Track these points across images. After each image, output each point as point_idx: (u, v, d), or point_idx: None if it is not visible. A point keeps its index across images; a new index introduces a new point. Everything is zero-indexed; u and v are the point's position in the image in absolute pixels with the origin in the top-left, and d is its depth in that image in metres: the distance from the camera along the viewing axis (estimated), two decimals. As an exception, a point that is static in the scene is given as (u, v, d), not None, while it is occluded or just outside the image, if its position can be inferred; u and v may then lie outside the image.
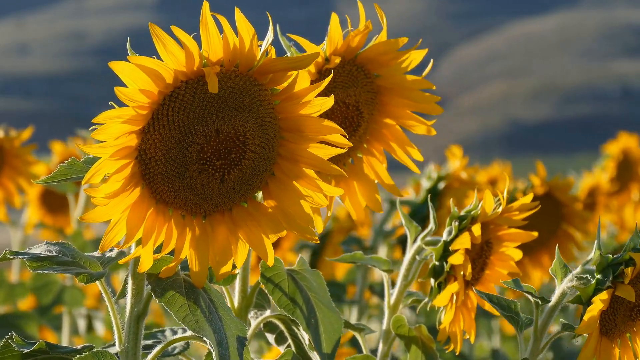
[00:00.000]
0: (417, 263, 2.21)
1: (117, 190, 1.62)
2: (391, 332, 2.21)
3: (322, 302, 1.99)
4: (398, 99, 2.05)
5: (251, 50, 1.63)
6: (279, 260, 2.00)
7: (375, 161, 2.09)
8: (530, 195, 2.12)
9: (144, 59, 1.58)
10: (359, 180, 2.08)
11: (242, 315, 2.07)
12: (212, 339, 1.68)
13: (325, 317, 1.98)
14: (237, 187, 1.70)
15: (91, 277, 1.78)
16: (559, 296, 1.98)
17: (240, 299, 2.07)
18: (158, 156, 1.64)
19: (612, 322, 1.93)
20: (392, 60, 2.01)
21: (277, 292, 1.96)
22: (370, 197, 2.09)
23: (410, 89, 2.03)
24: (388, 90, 2.05)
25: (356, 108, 2.01)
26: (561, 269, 1.97)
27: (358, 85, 2.02)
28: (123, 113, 1.59)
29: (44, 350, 1.82)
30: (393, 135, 2.08)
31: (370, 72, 2.03)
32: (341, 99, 2.00)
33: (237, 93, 1.66)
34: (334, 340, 1.97)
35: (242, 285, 2.07)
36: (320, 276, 2.03)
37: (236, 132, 1.65)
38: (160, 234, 1.67)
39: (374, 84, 2.04)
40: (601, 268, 1.94)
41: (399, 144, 2.08)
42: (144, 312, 1.79)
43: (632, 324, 1.96)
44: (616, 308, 1.93)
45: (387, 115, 2.07)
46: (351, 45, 1.97)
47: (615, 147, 5.74)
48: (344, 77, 2.00)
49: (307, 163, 1.72)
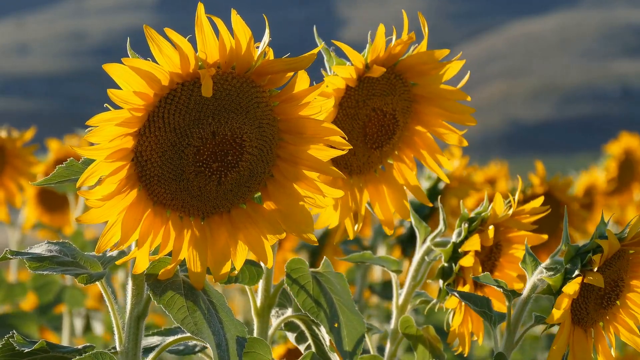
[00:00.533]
0: (426, 264, 2.21)
1: (112, 192, 1.61)
2: (399, 332, 2.21)
3: (345, 305, 2.00)
4: (434, 108, 2.05)
5: (248, 52, 1.63)
6: (303, 262, 2.01)
7: (405, 168, 2.10)
8: (541, 199, 2.13)
9: (138, 62, 1.57)
10: (389, 186, 2.09)
11: (264, 314, 2.08)
12: (211, 341, 1.67)
13: (349, 320, 1.99)
14: (235, 189, 1.69)
15: (91, 277, 1.77)
16: (530, 289, 1.97)
17: (263, 298, 2.08)
18: (154, 158, 1.63)
19: (584, 311, 1.93)
20: (432, 70, 2.01)
21: (302, 293, 1.97)
22: (399, 203, 2.10)
23: (447, 99, 2.04)
24: (424, 99, 2.05)
25: (393, 116, 2.02)
26: (531, 262, 1.97)
27: (396, 93, 2.02)
28: (117, 115, 1.58)
29: (44, 350, 1.82)
30: (424, 142, 2.09)
31: (407, 81, 2.03)
32: (379, 107, 2.00)
33: (234, 95, 1.65)
34: (356, 343, 1.97)
35: (266, 285, 2.08)
36: (344, 279, 2.04)
37: (233, 135, 1.64)
38: (157, 235, 1.67)
39: (411, 93, 2.04)
40: (569, 257, 1.94)
41: (429, 151, 2.09)
42: (144, 312, 1.79)
43: (604, 312, 1.96)
44: (587, 297, 1.92)
45: (420, 124, 2.07)
46: (392, 53, 1.97)
47: (617, 147, 5.75)
48: (383, 84, 2.00)
49: (307, 165, 1.72)
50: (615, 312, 1.98)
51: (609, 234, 1.89)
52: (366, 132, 2.00)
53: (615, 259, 1.92)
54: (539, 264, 1.97)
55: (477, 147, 50.09)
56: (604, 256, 1.89)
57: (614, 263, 1.92)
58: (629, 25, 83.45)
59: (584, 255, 1.93)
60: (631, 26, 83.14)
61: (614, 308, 1.97)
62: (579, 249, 1.94)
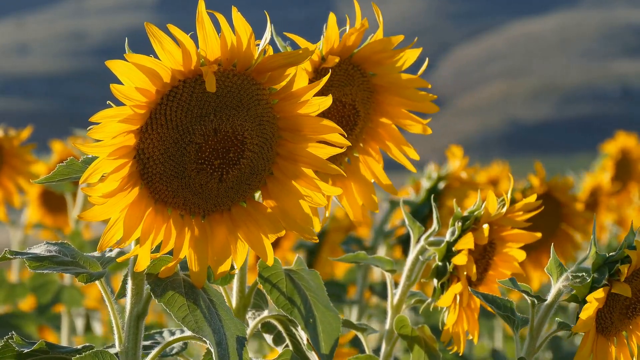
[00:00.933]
0: (420, 263, 2.21)
1: (115, 190, 1.61)
2: (394, 332, 2.21)
3: (320, 301, 1.99)
4: (394, 97, 2.05)
5: (249, 49, 1.63)
6: (277, 260, 1.99)
7: (371, 160, 2.09)
8: (534, 196, 2.12)
9: (141, 58, 1.58)
10: (356, 179, 2.08)
11: (240, 315, 2.07)
12: (212, 340, 1.68)
13: (324, 316, 1.97)
14: (236, 186, 1.69)
15: (91, 276, 1.78)
16: (555, 295, 1.97)
17: (238, 299, 2.07)
18: (156, 155, 1.63)
19: (608, 320, 1.93)
20: (388, 58, 2.01)
21: (275, 291, 1.96)
22: (367, 197, 2.08)
23: (406, 88, 2.03)
24: (384, 89, 2.05)
25: (353, 107, 2.01)
26: (557, 268, 1.97)
27: (354, 84, 2.02)
28: (120, 112, 1.58)
29: (44, 350, 1.82)
30: (389, 134, 2.08)
31: (366, 71, 2.03)
32: (338, 98, 2.00)
33: (235, 92, 1.65)
34: (332, 339, 1.96)
35: (240, 285, 2.07)
36: (318, 276, 2.03)
37: (234, 132, 1.65)
38: (158, 233, 1.67)
39: (370, 83, 2.04)
40: (597, 266, 1.94)
41: (395, 143, 2.08)
42: (144, 312, 1.79)
43: (628, 322, 1.96)
44: (612, 306, 1.93)
45: (383, 114, 2.07)
46: (347, 44, 1.97)
47: (614, 146, 5.75)
48: (340, 75, 2.00)
49: (306, 163, 1.72)
50: (639, 321, 1.97)
51: (638, 245, 1.89)
52: None
53: None
54: (564, 270, 1.96)
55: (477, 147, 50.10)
56: (632, 266, 1.89)
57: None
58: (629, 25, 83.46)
59: (612, 264, 1.92)
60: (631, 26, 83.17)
61: (638, 318, 1.97)
62: (607, 259, 1.94)
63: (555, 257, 1.97)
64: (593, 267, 1.93)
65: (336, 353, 2.31)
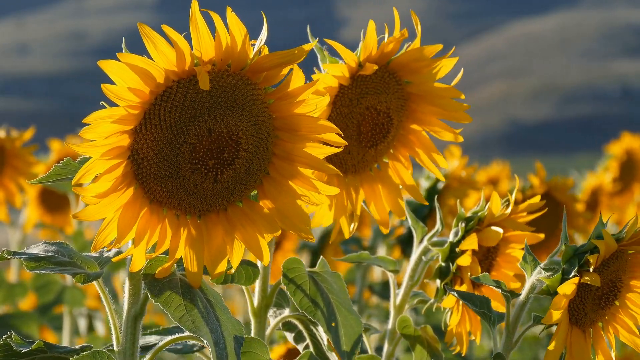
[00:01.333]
0: (423, 264, 2.21)
1: (108, 190, 1.61)
2: (396, 332, 2.21)
3: (342, 304, 2.00)
4: (428, 106, 2.05)
5: (243, 49, 1.63)
6: (300, 261, 2.00)
7: (400, 166, 2.09)
8: (537, 197, 2.12)
9: (134, 58, 1.57)
10: (385, 185, 2.09)
11: (261, 314, 2.08)
12: (209, 339, 1.67)
13: (346, 319, 1.98)
14: (231, 186, 1.69)
15: (88, 277, 1.77)
16: (529, 289, 1.97)
17: (260, 298, 2.08)
18: (150, 156, 1.63)
19: (581, 312, 1.93)
20: (425, 67, 2.01)
21: (298, 293, 1.97)
22: (394, 202, 2.09)
23: (441, 97, 2.03)
24: (418, 97, 2.05)
25: (387, 115, 2.01)
26: (530, 262, 1.97)
27: (389, 91, 2.02)
28: (113, 113, 1.58)
29: (42, 350, 1.82)
30: (420, 141, 2.08)
31: (401, 79, 2.03)
32: (373, 105, 2.00)
33: (230, 92, 1.65)
34: (353, 341, 1.97)
35: (263, 285, 2.08)
36: (341, 278, 2.04)
37: (229, 132, 1.65)
38: (153, 233, 1.67)
39: (405, 91, 2.04)
40: (567, 258, 1.94)
41: (425, 150, 2.09)
42: (142, 312, 1.79)
43: (602, 312, 1.96)
44: (584, 297, 1.92)
45: (415, 122, 2.07)
46: (385, 51, 1.97)
47: (619, 147, 5.74)
48: (376, 83, 2.00)
49: (302, 162, 1.72)
50: (615, 312, 1.97)
51: (605, 235, 1.88)
52: (360, 130, 2.00)
53: (613, 259, 1.92)
54: (538, 264, 1.97)
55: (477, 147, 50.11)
56: (600, 256, 1.89)
57: (612, 263, 1.92)
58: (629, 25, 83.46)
59: (582, 255, 1.93)
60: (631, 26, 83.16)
61: (613, 308, 1.97)
62: (577, 250, 1.94)
63: (529, 252, 1.97)
64: (563, 259, 1.94)
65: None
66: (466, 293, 2.01)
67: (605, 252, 1.90)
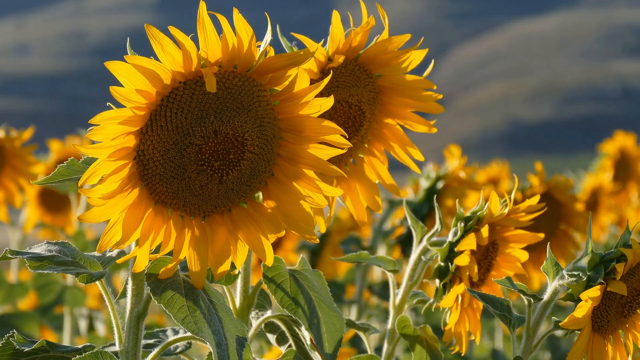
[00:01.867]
0: (422, 264, 2.21)
1: (114, 191, 1.62)
2: (396, 332, 2.21)
3: (324, 302, 1.99)
4: (400, 98, 2.05)
5: (250, 51, 1.63)
6: (280, 260, 2.00)
7: (376, 161, 2.09)
8: (537, 197, 2.13)
9: (141, 59, 1.58)
10: (360, 180, 2.09)
11: (243, 315, 2.07)
12: (212, 340, 1.68)
13: (328, 317, 1.98)
14: (236, 188, 1.70)
15: (91, 277, 1.78)
16: (551, 294, 1.98)
17: (241, 299, 2.07)
18: (156, 157, 1.64)
19: (604, 319, 1.93)
20: (394, 59, 2.01)
21: (279, 292, 1.96)
22: (371, 198, 2.09)
23: (412, 89, 2.03)
24: (389, 90, 2.05)
25: (358, 108, 2.01)
26: (553, 267, 1.97)
27: (360, 84, 2.02)
28: (120, 114, 1.58)
29: (44, 349, 1.82)
30: (394, 135, 2.08)
31: (372, 72, 2.03)
32: (344, 99, 2.00)
33: (236, 94, 1.65)
34: (336, 339, 1.97)
35: (244, 285, 2.07)
36: (322, 276, 2.04)
37: (235, 133, 1.65)
38: (158, 234, 1.67)
39: (376, 84, 2.04)
40: (593, 265, 1.94)
41: (400, 143, 2.08)
42: (144, 312, 1.79)
43: (624, 320, 1.96)
44: (608, 304, 1.93)
45: (389, 115, 2.07)
46: (353, 44, 1.97)
47: (612, 146, 5.74)
48: (347, 76, 2.00)
49: (307, 164, 1.72)
50: (636, 320, 1.97)
51: (633, 244, 1.89)
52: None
53: (638, 267, 1.92)
54: (560, 269, 1.96)
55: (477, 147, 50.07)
56: (627, 265, 1.89)
57: (637, 272, 1.92)
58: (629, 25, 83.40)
59: (608, 263, 1.92)
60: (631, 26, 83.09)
61: (635, 316, 1.97)
62: (603, 257, 1.94)
63: (552, 256, 1.97)
64: (589, 266, 1.93)
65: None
66: (487, 295, 2.00)
67: (633, 261, 1.90)
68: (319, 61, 1.95)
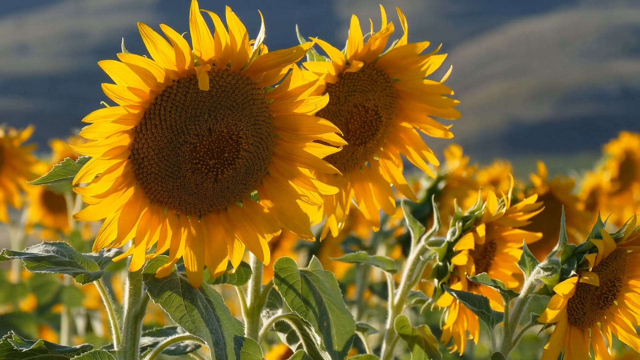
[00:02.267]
0: (421, 263, 2.21)
1: (109, 190, 1.61)
2: (394, 332, 2.20)
3: (335, 304, 1.99)
4: (417, 103, 2.04)
5: (243, 49, 1.63)
6: (292, 261, 2.00)
7: (391, 164, 2.09)
8: (535, 196, 2.12)
9: (134, 58, 1.57)
10: (375, 183, 2.09)
11: (254, 314, 2.07)
12: (209, 340, 1.67)
13: (338, 319, 1.98)
14: (232, 186, 1.69)
15: (89, 277, 1.77)
16: (527, 289, 1.98)
17: (252, 299, 2.08)
18: (151, 156, 1.63)
19: (580, 311, 1.93)
20: (412, 64, 2.00)
21: (290, 293, 1.96)
22: (385, 200, 2.09)
23: (430, 94, 2.03)
24: (407, 95, 2.04)
25: (375, 112, 2.01)
26: (529, 262, 1.97)
27: (378, 89, 2.01)
28: (113, 112, 1.58)
29: (42, 350, 1.82)
30: (410, 138, 2.08)
31: (389, 76, 2.02)
32: (361, 103, 1.99)
33: (230, 92, 1.65)
34: (345, 341, 1.97)
35: (255, 285, 2.07)
36: (334, 277, 2.04)
37: (229, 131, 1.65)
38: (154, 233, 1.67)
39: (393, 88, 2.04)
40: (566, 257, 1.94)
41: (416, 147, 2.08)
42: (142, 312, 1.79)
43: (601, 312, 1.96)
44: (583, 296, 1.92)
45: (405, 119, 2.07)
46: (372, 48, 1.96)
47: (617, 147, 5.74)
48: (364, 81, 1.99)
49: (302, 162, 1.72)
50: (613, 312, 1.97)
51: (604, 234, 1.88)
52: (349, 128, 1.99)
53: (612, 259, 1.92)
54: (536, 263, 1.97)
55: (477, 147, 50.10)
56: (599, 256, 1.89)
57: (611, 263, 1.92)
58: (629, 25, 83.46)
59: (580, 255, 1.93)
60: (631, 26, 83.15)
61: (612, 308, 1.97)
62: (576, 249, 1.94)
63: (528, 251, 1.98)
64: (562, 259, 1.94)
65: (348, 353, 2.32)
66: (464, 293, 2.01)
67: (604, 252, 1.90)
68: (337, 65, 1.94)
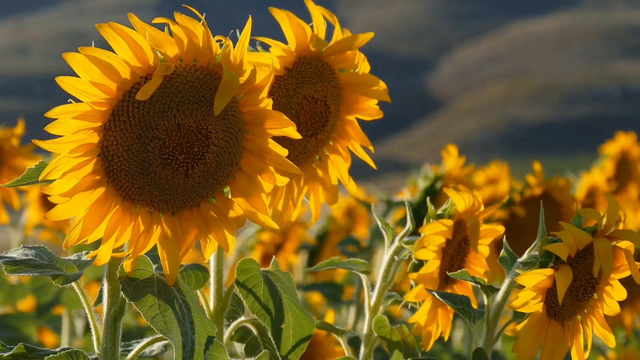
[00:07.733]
0: (396, 263, 2.21)
1: (75, 188, 1.60)
2: (373, 333, 2.20)
3: (294, 304, 2.00)
4: (359, 95, 2.06)
5: (206, 45, 1.63)
6: (254, 261, 2.00)
7: (340, 159, 2.10)
8: (507, 196, 2.13)
9: (95, 50, 1.57)
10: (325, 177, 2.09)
11: (217, 318, 2.07)
12: (178, 341, 1.66)
13: (297, 319, 1.98)
14: (203, 181, 1.68)
15: (67, 279, 1.78)
16: (508, 284, 1.98)
17: (215, 302, 2.08)
18: (120, 152, 1.62)
19: (558, 303, 1.92)
20: (352, 56, 2.02)
21: (250, 297, 1.96)
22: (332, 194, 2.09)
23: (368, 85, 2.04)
24: (350, 86, 2.06)
25: (324, 103, 2.03)
26: (510, 258, 1.98)
27: (324, 80, 2.03)
28: (76, 108, 1.57)
29: (23, 355, 1.82)
30: (355, 131, 2.09)
31: (334, 68, 2.04)
32: (310, 94, 2.01)
33: (197, 87, 1.64)
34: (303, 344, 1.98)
35: (217, 288, 2.07)
36: (291, 278, 2.04)
37: (198, 126, 1.64)
38: (124, 231, 1.65)
39: (339, 80, 2.05)
40: (544, 252, 1.94)
41: (359, 139, 2.10)
42: (121, 312, 1.78)
43: (580, 305, 1.95)
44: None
45: (350, 111, 2.08)
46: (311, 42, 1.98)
47: (614, 147, 5.74)
48: (311, 72, 2.01)
49: (271, 160, 1.72)
50: (593, 305, 1.97)
51: (571, 228, 1.89)
52: (299, 120, 2.00)
53: (590, 252, 1.92)
54: (516, 259, 1.97)
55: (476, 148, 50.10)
56: (571, 248, 1.89)
57: (589, 255, 1.92)
58: (629, 26, 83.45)
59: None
60: (631, 27, 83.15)
61: (592, 301, 1.96)
62: (553, 242, 1.94)
63: (507, 247, 1.98)
64: (540, 253, 1.94)
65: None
66: (445, 293, 2.01)
67: (578, 244, 1.90)
68: (282, 58, 1.96)
